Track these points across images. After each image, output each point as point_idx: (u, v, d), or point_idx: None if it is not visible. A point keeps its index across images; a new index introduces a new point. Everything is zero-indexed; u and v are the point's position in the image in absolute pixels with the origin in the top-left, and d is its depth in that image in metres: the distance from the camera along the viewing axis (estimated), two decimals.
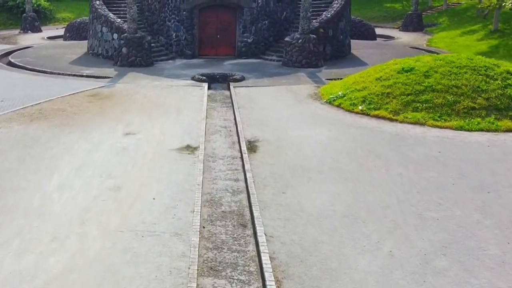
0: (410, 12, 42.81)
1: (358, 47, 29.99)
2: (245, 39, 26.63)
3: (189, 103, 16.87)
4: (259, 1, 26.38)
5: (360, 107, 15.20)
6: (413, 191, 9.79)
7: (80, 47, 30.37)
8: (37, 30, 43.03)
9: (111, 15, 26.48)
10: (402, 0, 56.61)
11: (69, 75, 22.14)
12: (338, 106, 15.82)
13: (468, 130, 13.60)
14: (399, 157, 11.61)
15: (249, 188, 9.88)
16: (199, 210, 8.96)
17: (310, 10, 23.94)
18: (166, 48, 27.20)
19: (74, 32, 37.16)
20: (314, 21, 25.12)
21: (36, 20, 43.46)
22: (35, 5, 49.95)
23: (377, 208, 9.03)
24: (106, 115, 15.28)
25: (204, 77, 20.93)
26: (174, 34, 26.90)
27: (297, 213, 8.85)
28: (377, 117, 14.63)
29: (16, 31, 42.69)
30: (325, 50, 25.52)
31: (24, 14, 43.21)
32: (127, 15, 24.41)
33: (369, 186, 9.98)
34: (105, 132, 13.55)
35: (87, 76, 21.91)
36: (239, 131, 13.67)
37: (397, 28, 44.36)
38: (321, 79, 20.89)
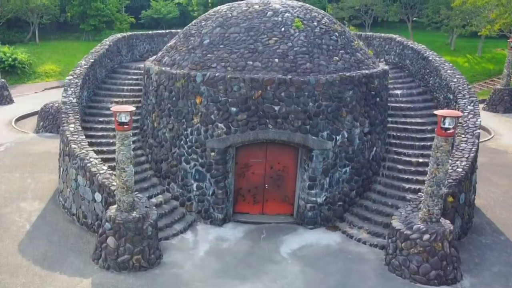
0: (499, 87, 32.29)
1: None
2: (313, 198, 16.08)
3: None
4: (338, 138, 15.85)
5: None
6: None
7: (52, 163, 20.32)
8: (7, 101, 33.01)
9: (92, 159, 15.73)
10: (464, 52, 46.14)
11: None
12: None
13: None
14: None
15: None
16: None
17: (445, 182, 13.40)
18: (182, 202, 16.70)
19: (49, 122, 26.94)
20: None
21: (5, 89, 33.25)
22: (10, 59, 39.82)
23: None
24: None
25: None
26: (195, 185, 16.38)
27: None
28: None
29: None
30: None
31: None
32: (116, 180, 13.88)
33: None
34: None
35: None
36: None
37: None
38: None
